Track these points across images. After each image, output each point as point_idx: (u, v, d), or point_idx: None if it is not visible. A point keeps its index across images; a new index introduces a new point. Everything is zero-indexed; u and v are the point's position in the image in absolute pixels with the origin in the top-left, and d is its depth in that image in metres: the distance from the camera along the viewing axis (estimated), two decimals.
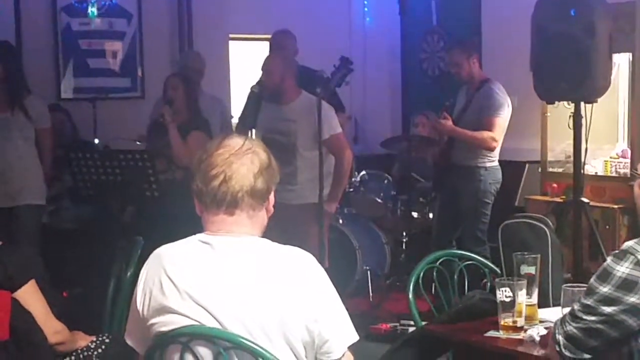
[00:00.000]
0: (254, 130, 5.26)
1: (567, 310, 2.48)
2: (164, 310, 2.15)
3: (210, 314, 2.11)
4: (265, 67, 5.14)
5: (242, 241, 2.18)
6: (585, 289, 2.42)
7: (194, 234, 2.24)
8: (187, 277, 2.15)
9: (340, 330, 2.16)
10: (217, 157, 2.17)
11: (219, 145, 2.20)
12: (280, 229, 2.89)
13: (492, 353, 2.84)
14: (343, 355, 2.17)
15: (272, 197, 2.26)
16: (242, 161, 2.17)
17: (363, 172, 6.76)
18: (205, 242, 2.19)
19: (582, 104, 4.69)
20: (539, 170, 6.28)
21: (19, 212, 5.36)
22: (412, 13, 8.02)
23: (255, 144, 2.23)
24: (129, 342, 2.30)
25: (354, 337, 2.19)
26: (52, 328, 2.98)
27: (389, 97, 8.31)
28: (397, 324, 5.42)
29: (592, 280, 2.35)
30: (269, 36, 6.48)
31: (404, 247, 6.42)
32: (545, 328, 2.80)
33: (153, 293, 2.18)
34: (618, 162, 5.78)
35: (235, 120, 6.08)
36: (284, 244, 2.23)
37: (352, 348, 2.20)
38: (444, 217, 5.86)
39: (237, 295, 2.11)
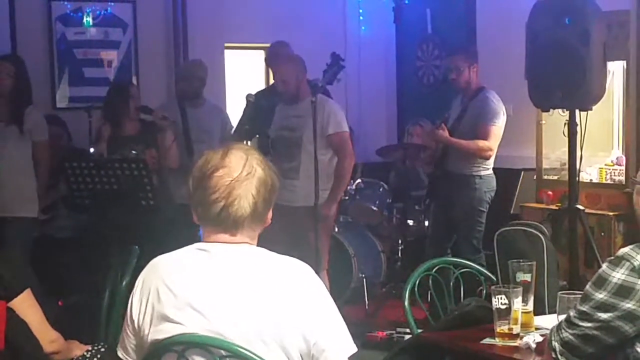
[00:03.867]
0: (249, 143, 5.30)
1: (563, 317, 2.48)
2: (161, 318, 2.15)
3: (208, 321, 2.11)
4: (280, 77, 5.21)
5: (240, 250, 2.18)
6: (581, 295, 2.42)
7: (190, 243, 2.24)
8: (184, 285, 2.15)
9: (337, 341, 2.15)
10: (217, 180, 2.14)
11: (218, 165, 2.16)
12: (279, 231, 2.89)
13: None
14: None
15: (269, 213, 2.25)
16: (244, 187, 2.15)
17: (359, 180, 6.76)
18: (203, 250, 2.19)
19: (577, 111, 4.70)
20: (535, 177, 6.28)
21: (10, 224, 5.33)
22: (407, 22, 8.04)
23: (254, 162, 2.19)
24: (120, 354, 2.29)
25: (352, 348, 2.17)
26: (48, 337, 2.97)
27: (385, 105, 8.32)
28: (393, 332, 5.42)
29: (587, 286, 2.36)
30: (265, 45, 6.48)
31: (399, 254, 6.42)
32: (541, 335, 2.80)
33: (149, 302, 2.18)
34: (613, 170, 5.78)
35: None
36: (283, 246, 2.24)
37: (350, 358, 2.19)
38: (439, 226, 5.86)
39: (234, 303, 2.11)
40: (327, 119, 4.97)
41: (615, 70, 5.79)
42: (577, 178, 4.85)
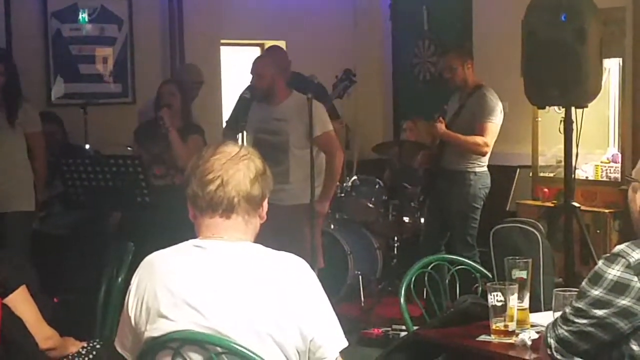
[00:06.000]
0: (244, 133, 5.26)
1: (558, 314, 2.48)
2: (157, 316, 2.14)
3: (205, 318, 2.10)
4: (255, 70, 5.14)
5: (236, 246, 2.18)
6: (576, 292, 2.42)
7: (186, 239, 2.24)
8: (180, 282, 2.14)
9: (333, 336, 2.17)
10: (213, 162, 2.18)
11: (215, 151, 2.21)
12: (273, 231, 2.89)
13: (484, 357, 2.85)
14: None
15: (265, 204, 2.27)
16: (239, 167, 2.18)
17: (354, 177, 6.76)
18: (199, 247, 2.19)
19: (573, 108, 4.71)
20: (530, 174, 6.29)
21: (7, 219, 5.33)
22: (403, 19, 8.03)
23: (250, 150, 2.24)
24: (119, 349, 2.29)
25: (345, 342, 2.19)
26: (43, 334, 2.96)
27: (381, 102, 8.31)
28: (389, 329, 5.42)
29: (583, 283, 2.36)
30: (261, 41, 6.48)
31: (395, 251, 6.42)
32: (537, 332, 2.80)
33: (145, 299, 2.17)
34: (609, 167, 5.79)
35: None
36: (277, 245, 2.24)
37: (343, 353, 2.20)
38: (433, 222, 5.87)
39: (231, 299, 2.11)
40: (312, 120, 4.92)
41: (611, 67, 5.80)
42: (572, 175, 4.86)
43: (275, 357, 2.09)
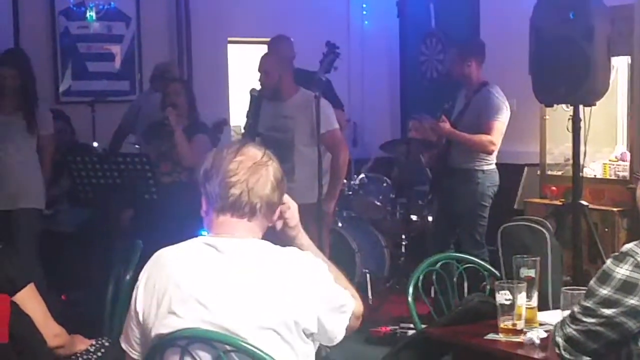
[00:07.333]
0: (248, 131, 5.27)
1: (566, 313, 2.48)
2: (166, 312, 2.14)
3: (213, 315, 2.10)
4: (262, 68, 5.15)
5: (246, 243, 2.19)
6: (584, 291, 2.42)
7: (194, 235, 2.24)
8: (191, 279, 2.14)
9: (341, 316, 2.27)
10: (237, 164, 2.17)
11: (237, 153, 2.19)
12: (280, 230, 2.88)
13: (492, 356, 2.84)
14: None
15: (278, 209, 2.28)
16: (262, 172, 2.19)
17: (362, 175, 6.76)
18: (209, 244, 2.19)
19: (581, 107, 4.70)
20: (538, 173, 6.28)
21: (17, 215, 5.36)
22: (410, 16, 8.03)
23: (269, 154, 2.24)
24: (123, 345, 2.29)
25: (351, 305, 2.36)
26: (51, 331, 2.97)
27: (388, 100, 8.32)
28: (397, 327, 5.41)
29: (591, 282, 2.36)
30: (268, 39, 6.47)
31: (403, 250, 6.41)
32: (545, 331, 2.80)
33: (155, 295, 2.17)
34: (617, 165, 5.77)
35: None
36: (283, 244, 2.25)
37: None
38: (442, 220, 5.87)
39: (239, 296, 2.10)
40: (318, 117, 4.92)
41: (620, 65, 5.78)
42: (580, 173, 4.85)
43: (283, 354, 2.10)
